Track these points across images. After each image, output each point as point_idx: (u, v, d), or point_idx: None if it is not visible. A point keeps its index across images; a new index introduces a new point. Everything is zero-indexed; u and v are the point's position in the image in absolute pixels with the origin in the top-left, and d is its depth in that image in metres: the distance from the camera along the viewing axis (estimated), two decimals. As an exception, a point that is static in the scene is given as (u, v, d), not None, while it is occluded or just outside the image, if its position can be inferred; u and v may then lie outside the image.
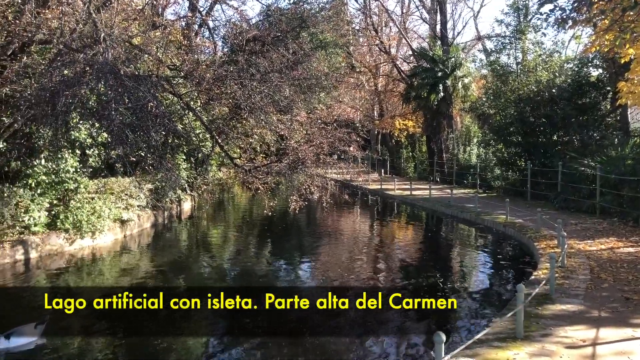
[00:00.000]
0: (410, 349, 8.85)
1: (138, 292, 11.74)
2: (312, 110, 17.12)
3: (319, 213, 24.56)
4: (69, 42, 10.83)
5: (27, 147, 14.28)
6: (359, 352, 8.60)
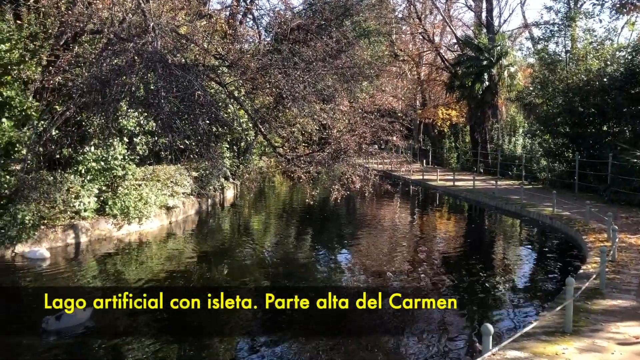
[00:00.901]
0: (455, 342, 8.75)
1: (182, 278, 12.08)
2: (355, 99, 17.05)
3: (359, 203, 24.52)
4: (118, 31, 11.09)
5: (78, 135, 14.74)
6: (402, 350, 8.53)
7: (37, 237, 13.87)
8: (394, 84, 39.47)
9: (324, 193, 20.41)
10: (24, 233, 13.15)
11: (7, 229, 12.94)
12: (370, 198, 16.96)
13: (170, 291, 11.04)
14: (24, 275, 12.22)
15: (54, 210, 14.62)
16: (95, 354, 8.14)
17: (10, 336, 8.61)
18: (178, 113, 9.84)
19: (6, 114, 12.59)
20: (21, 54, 13.08)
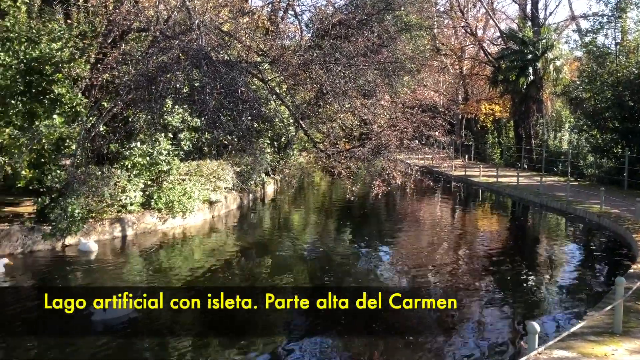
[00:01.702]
0: (499, 341, 8.61)
1: (223, 273, 12.28)
2: (396, 94, 16.93)
3: (399, 199, 24.37)
4: (164, 29, 11.32)
5: (125, 131, 15.13)
6: (444, 349, 8.44)
7: (86, 229, 14.34)
8: (435, 78, 39.01)
9: (364, 189, 20.34)
10: (73, 226, 13.59)
11: (58, 222, 13.41)
12: (411, 194, 16.84)
13: (212, 287, 11.25)
14: (74, 266, 12.65)
15: (102, 204, 15.07)
16: (138, 346, 8.34)
17: (60, 324, 8.94)
18: (222, 109, 9.99)
19: (57, 110, 13.03)
20: (71, 52, 13.51)
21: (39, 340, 8.49)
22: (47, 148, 13.57)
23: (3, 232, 13.16)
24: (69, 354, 7.97)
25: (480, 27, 44.46)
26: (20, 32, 12.58)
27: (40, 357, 7.89)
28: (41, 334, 8.72)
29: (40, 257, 13.09)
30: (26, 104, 12.93)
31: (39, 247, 13.62)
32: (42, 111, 12.90)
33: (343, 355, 8.02)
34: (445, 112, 29.55)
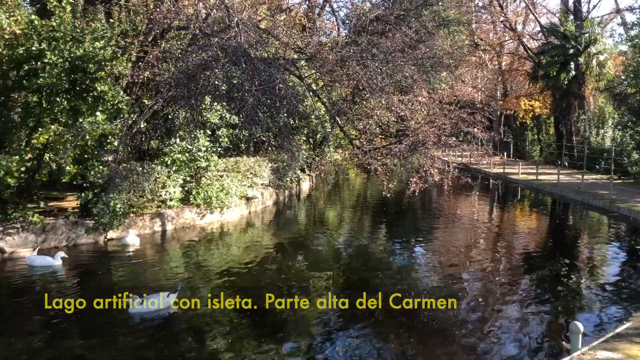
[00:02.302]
0: (539, 341, 8.44)
1: (260, 269, 12.39)
2: (434, 90, 16.75)
3: (436, 196, 24.12)
4: (203, 27, 11.48)
5: (165, 127, 15.42)
6: (483, 348, 8.32)
7: (127, 224, 14.68)
8: (473, 74, 38.42)
9: (400, 186, 20.25)
10: (115, 220, 13.94)
11: (100, 216, 13.78)
12: (448, 191, 16.62)
13: (248, 283, 11.37)
14: (117, 260, 12.98)
15: (142, 199, 15.42)
16: (173, 342, 8.49)
17: (100, 314, 9.20)
18: (260, 106, 10.08)
19: (100, 107, 13.36)
20: (113, 50, 13.83)
21: (83, 331, 8.75)
22: (90, 144, 13.95)
23: (49, 226, 13.61)
24: (107, 347, 8.18)
25: (519, 22, 43.55)
26: (65, 32, 12.93)
27: (81, 347, 8.13)
28: (87, 325, 8.98)
29: (84, 250, 13.46)
30: (70, 101, 13.30)
31: (82, 241, 14.03)
32: (86, 108, 13.25)
33: (379, 354, 7.98)
34: (483, 108, 29.12)
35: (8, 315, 9.34)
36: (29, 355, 7.78)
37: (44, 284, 11.02)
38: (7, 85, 13.11)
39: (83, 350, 8.00)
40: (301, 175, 25.94)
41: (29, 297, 10.32)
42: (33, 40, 12.83)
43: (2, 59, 12.83)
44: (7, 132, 13.43)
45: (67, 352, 7.90)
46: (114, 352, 7.92)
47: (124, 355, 7.82)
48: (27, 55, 12.68)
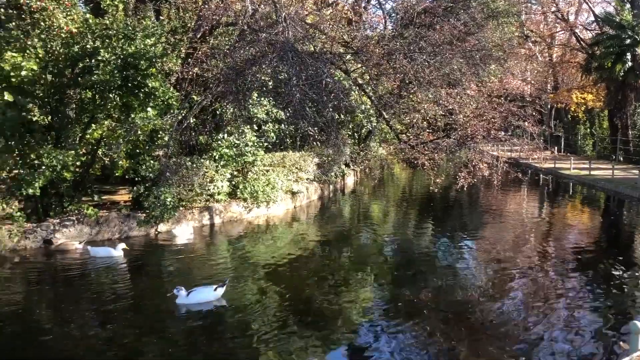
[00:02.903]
0: (594, 340, 8.16)
1: (305, 262, 12.44)
2: (483, 83, 16.40)
3: (484, 191, 23.66)
4: (251, 23, 11.57)
5: (213, 123, 15.67)
6: (532, 348, 8.09)
7: (177, 217, 15.01)
8: (522, 66, 37.42)
9: (447, 181, 19.93)
10: (165, 213, 14.27)
11: (152, 210, 14.14)
12: (496, 186, 16.23)
13: (293, 276, 11.44)
14: (169, 252, 13.29)
15: (192, 193, 15.74)
16: (218, 333, 8.61)
17: (150, 304, 9.44)
18: (307, 100, 10.09)
19: (151, 103, 13.67)
20: (164, 47, 14.12)
21: (134, 320, 9.00)
22: (141, 139, 14.33)
23: (102, 219, 14.06)
24: (155, 337, 8.39)
25: (572, 12, 42.09)
26: (117, 30, 13.28)
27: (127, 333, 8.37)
28: (139, 314, 9.24)
29: (136, 242, 13.82)
30: (123, 97, 13.67)
31: (134, 233, 14.43)
32: (138, 104, 13.58)
33: (424, 350, 7.89)
34: (533, 101, 28.33)
35: (66, 303, 9.69)
36: (84, 341, 8.06)
37: (103, 274, 11.39)
38: (63, 82, 13.57)
39: (133, 338, 8.23)
40: (346, 170, 25.91)
41: (85, 286, 10.68)
42: (88, 39, 13.25)
43: (58, 57, 13.28)
44: (63, 127, 13.92)
45: (119, 340, 8.14)
46: (163, 343, 8.11)
47: (172, 346, 7.99)
48: (82, 53, 13.10)
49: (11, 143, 13.05)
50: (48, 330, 8.49)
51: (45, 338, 8.17)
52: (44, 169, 12.58)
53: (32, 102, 12.85)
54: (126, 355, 7.65)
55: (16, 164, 13.17)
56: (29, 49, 12.64)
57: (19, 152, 13.24)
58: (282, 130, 18.39)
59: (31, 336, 8.19)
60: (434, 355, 7.75)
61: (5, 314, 9.04)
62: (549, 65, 42.63)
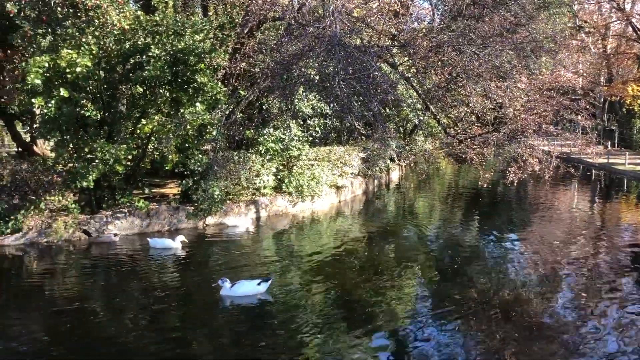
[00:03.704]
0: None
1: (349, 257, 12.40)
2: (534, 76, 15.93)
3: (532, 187, 23.06)
4: (298, 17, 11.59)
5: (260, 117, 15.81)
6: (582, 348, 7.84)
7: (224, 210, 15.25)
8: (574, 58, 36.17)
9: (494, 176, 19.46)
10: (213, 207, 14.53)
11: (200, 203, 14.41)
12: (545, 182, 15.77)
13: (337, 270, 11.43)
14: (216, 244, 13.52)
15: (238, 186, 15.96)
16: (262, 325, 8.68)
17: (200, 295, 9.61)
18: (354, 94, 10.05)
19: (199, 98, 13.91)
20: (212, 43, 14.33)
21: (182, 311, 9.19)
22: (190, 134, 14.59)
23: (153, 211, 14.41)
24: (202, 329, 8.55)
25: (628, 1, 40.38)
26: (167, 26, 13.55)
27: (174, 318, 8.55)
28: (187, 304, 9.44)
29: (185, 234, 14.09)
30: (172, 92, 13.95)
31: (183, 226, 14.74)
32: (187, 99, 13.84)
33: (470, 347, 7.74)
34: (585, 94, 27.37)
35: (115, 293, 9.99)
36: (136, 331, 8.29)
37: (153, 264, 11.69)
38: (115, 78, 13.94)
39: (179, 328, 8.42)
40: (391, 164, 25.72)
41: (138, 276, 10.97)
42: (139, 35, 13.56)
43: (110, 54, 13.64)
44: (115, 122, 14.31)
45: (168, 331, 8.32)
46: (211, 333, 8.25)
47: (220, 337, 8.13)
48: (134, 49, 13.42)
49: (66, 137, 13.51)
50: (101, 319, 8.77)
51: (98, 326, 8.43)
52: (97, 162, 12.99)
53: (85, 97, 13.25)
54: (175, 346, 7.81)
55: (71, 157, 13.64)
56: (84, 46, 13.03)
57: (73, 146, 13.71)
58: (327, 124, 18.39)
59: (86, 324, 8.47)
60: (480, 353, 7.60)
61: (62, 303, 9.40)
62: (603, 56, 41.05)
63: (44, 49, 13.20)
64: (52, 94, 12.74)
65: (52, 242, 13.09)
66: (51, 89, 12.85)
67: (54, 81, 12.92)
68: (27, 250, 12.76)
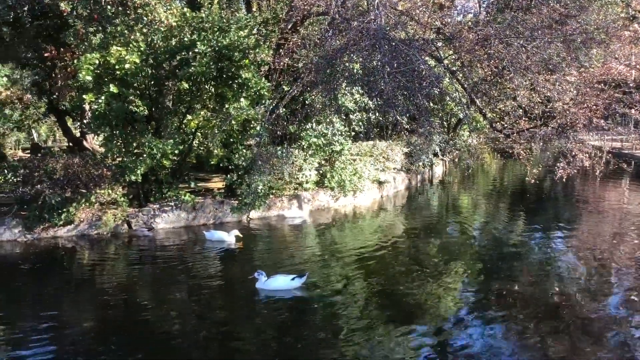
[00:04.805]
0: None
1: (391, 253, 12.32)
2: (584, 69, 15.43)
3: (581, 183, 22.40)
4: (342, 11, 11.57)
5: (303, 112, 15.88)
6: (637, 348, 7.60)
7: (267, 205, 15.40)
8: (627, 50, 34.85)
9: (541, 171, 19.00)
10: (257, 201, 14.69)
11: (244, 197, 14.60)
12: (595, 178, 15.26)
13: (379, 266, 11.37)
14: (260, 237, 13.68)
15: (281, 181, 16.10)
16: (299, 321, 8.71)
17: (243, 288, 9.74)
18: (399, 89, 9.96)
19: (244, 94, 14.08)
20: (256, 39, 14.47)
21: (223, 302, 9.34)
22: (235, 129, 14.78)
23: (198, 205, 14.69)
24: (244, 321, 8.66)
25: (684, -11, 38.63)
26: (213, 22, 13.75)
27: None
28: (229, 296, 9.58)
29: (230, 228, 14.29)
30: (217, 88, 14.17)
31: (227, 219, 14.97)
32: (231, 95, 14.03)
33: (516, 346, 7.57)
34: (638, 87, 26.28)
35: (163, 285, 10.23)
36: (179, 319, 8.49)
37: (198, 256, 11.92)
38: (161, 74, 14.25)
39: (225, 321, 8.57)
40: (434, 159, 25.43)
41: (182, 268, 11.20)
42: (185, 32, 13.81)
43: (157, 50, 13.94)
44: (162, 118, 14.64)
45: (212, 323, 8.47)
46: (254, 328, 8.35)
47: (263, 332, 8.21)
48: (180, 45, 13.68)
49: (115, 132, 13.91)
50: (148, 310, 8.99)
51: (145, 317, 8.65)
52: (145, 157, 13.32)
53: (134, 93, 13.60)
54: (219, 338, 7.93)
55: (120, 152, 14.03)
56: (132, 43, 13.36)
57: (122, 141, 14.10)
58: (370, 119, 18.32)
59: (134, 314, 8.72)
60: (525, 351, 7.43)
61: (111, 293, 9.68)
62: (658, 48, 39.42)
63: (94, 47, 13.62)
64: (102, 90, 13.15)
65: (101, 234, 13.52)
66: (101, 86, 13.26)
67: (103, 78, 13.33)
68: (78, 241, 13.21)
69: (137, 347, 7.51)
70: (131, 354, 7.29)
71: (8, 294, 9.73)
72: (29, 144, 31.41)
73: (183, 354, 7.35)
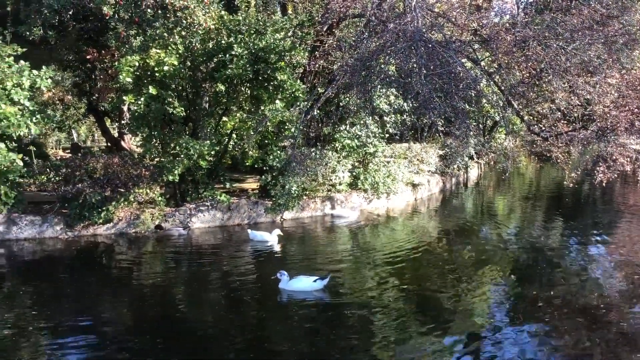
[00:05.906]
0: None
1: (424, 256, 12.21)
2: (627, 70, 15.04)
3: (621, 188, 21.83)
4: (378, 13, 11.57)
5: (338, 114, 15.94)
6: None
7: (301, 206, 15.50)
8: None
9: (579, 175, 18.54)
10: (291, 202, 14.80)
11: (278, 198, 14.72)
12: (636, 182, 14.85)
13: (411, 269, 11.31)
14: (293, 238, 13.76)
15: (315, 182, 16.17)
16: (339, 326, 8.71)
17: (267, 287, 9.80)
18: (439, 90, 9.92)
19: (279, 96, 14.21)
20: (292, 41, 14.59)
21: (255, 302, 9.43)
22: (270, 131, 14.93)
23: (233, 205, 14.89)
24: (270, 321, 8.72)
25: None
26: (249, 25, 13.93)
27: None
28: (261, 296, 9.67)
29: (263, 228, 14.42)
30: (253, 90, 14.33)
31: (262, 220, 15.12)
32: (267, 97, 14.18)
33: (551, 353, 7.41)
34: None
35: (201, 282, 10.40)
36: (214, 318, 8.62)
37: (235, 256, 12.08)
38: (199, 76, 14.50)
39: (254, 320, 8.69)
40: (469, 162, 25.15)
41: (216, 267, 11.36)
42: (222, 34, 14.02)
43: (195, 53, 14.19)
44: (199, 119, 14.88)
45: (247, 327, 8.56)
46: (285, 329, 8.41)
47: (294, 332, 8.26)
48: (217, 48, 13.89)
49: (154, 133, 14.20)
50: (184, 308, 9.16)
51: (181, 317, 8.77)
52: (182, 157, 13.56)
53: (172, 95, 13.86)
54: (252, 339, 7.99)
55: (158, 152, 14.33)
56: (171, 46, 13.63)
57: (160, 142, 14.39)
58: (404, 121, 18.26)
59: (170, 315, 8.85)
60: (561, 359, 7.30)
61: (147, 292, 9.87)
62: None
63: (134, 49, 13.94)
64: (142, 91, 13.45)
65: (139, 232, 13.82)
66: (140, 87, 13.57)
67: (143, 79, 13.62)
68: (117, 239, 13.53)
69: (174, 346, 7.62)
70: (170, 353, 7.39)
71: (50, 289, 10.03)
72: (69, 144, 32.29)
73: (218, 354, 7.45)
